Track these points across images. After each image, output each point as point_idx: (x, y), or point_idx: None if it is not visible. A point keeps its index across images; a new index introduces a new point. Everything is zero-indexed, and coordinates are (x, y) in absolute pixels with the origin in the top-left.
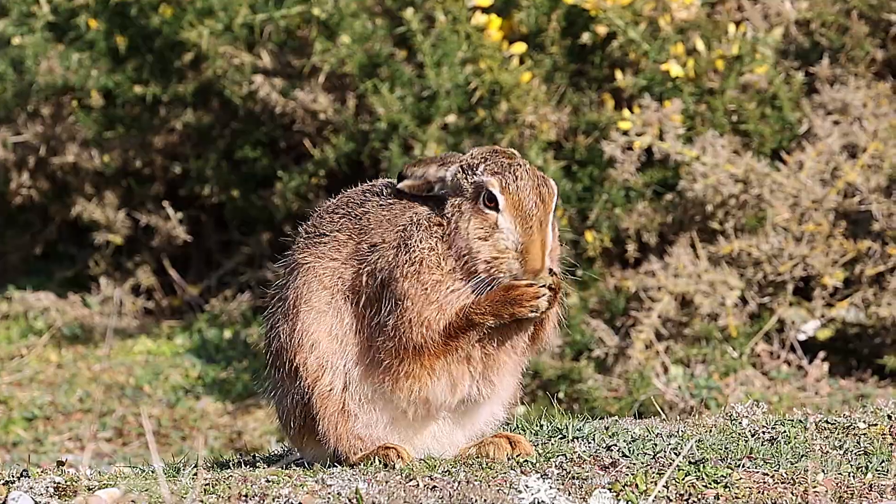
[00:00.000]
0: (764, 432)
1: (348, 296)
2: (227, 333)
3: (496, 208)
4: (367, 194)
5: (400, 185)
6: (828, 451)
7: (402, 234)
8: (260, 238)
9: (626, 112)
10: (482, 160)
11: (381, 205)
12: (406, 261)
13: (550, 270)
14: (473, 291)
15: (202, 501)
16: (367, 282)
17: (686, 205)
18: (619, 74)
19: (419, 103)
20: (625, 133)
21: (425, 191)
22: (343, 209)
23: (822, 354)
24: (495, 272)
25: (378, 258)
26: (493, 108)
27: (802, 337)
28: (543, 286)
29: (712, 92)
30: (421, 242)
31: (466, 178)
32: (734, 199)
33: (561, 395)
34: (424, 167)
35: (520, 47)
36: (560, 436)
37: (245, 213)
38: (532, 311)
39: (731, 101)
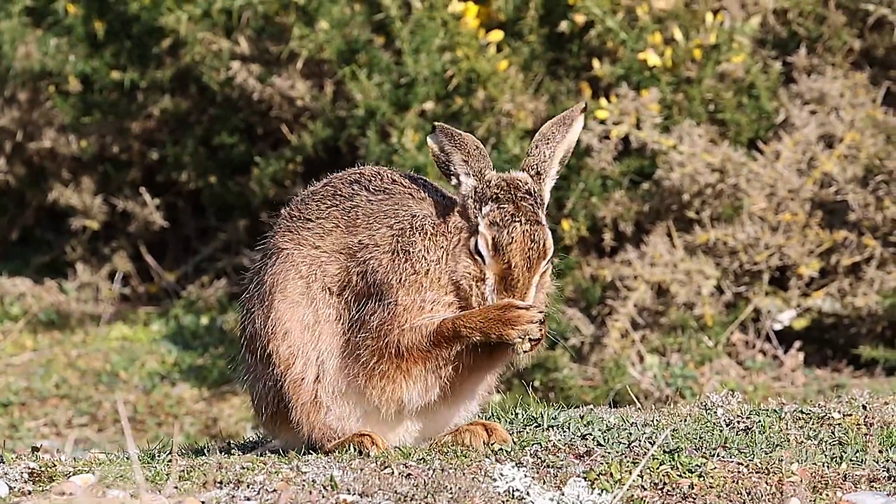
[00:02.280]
0: (739, 422)
1: (329, 288)
2: (204, 320)
3: (484, 262)
4: (355, 186)
5: (429, 141)
6: (803, 441)
7: (400, 240)
8: (237, 224)
9: (603, 101)
10: (492, 198)
11: (370, 199)
12: (407, 269)
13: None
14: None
15: (177, 488)
16: (354, 279)
17: (662, 194)
18: (596, 63)
19: (397, 90)
20: (602, 122)
21: (442, 168)
22: (330, 199)
23: (797, 344)
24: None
25: (369, 258)
26: (470, 96)
27: (778, 327)
28: (541, 312)
29: (689, 81)
30: (429, 254)
31: (473, 208)
32: (711, 188)
33: (536, 383)
34: (453, 147)
35: (497, 35)
36: (535, 424)
37: (222, 200)
38: (520, 337)
39: (708, 91)
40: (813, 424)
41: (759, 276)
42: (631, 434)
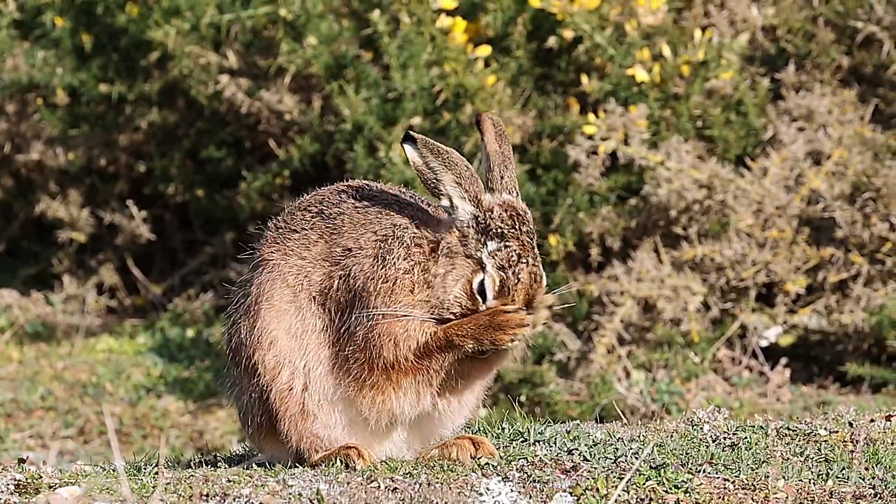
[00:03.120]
0: (725, 438)
1: (315, 297)
2: (190, 332)
3: (483, 300)
4: (342, 195)
5: (406, 148)
6: (789, 458)
7: (382, 246)
8: (224, 238)
9: (591, 116)
10: (498, 235)
11: (356, 207)
12: (381, 276)
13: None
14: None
15: (163, 500)
16: (337, 286)
17: (650, 210)
18: (584, 79)
19: (385, 105)
20: (590, 137)
21: (429, 185)
22: (316, 207)
23: (783, 361)
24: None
25: (352, 264)
26: (458, 111)
27: (764, 343)
28: (530, 314)
29: (677, 97)
30: (398, 261)
31: (476, 240)
32: (698, 204)
33: (523, 398)
34: (441, 165)
35: (484, 50)
36: (522, 439)
37: (209, 213)
38: (513, 340)
39: (696, 107)
40: (799, 441)
41: (746, 293)
42: (617, 449)
